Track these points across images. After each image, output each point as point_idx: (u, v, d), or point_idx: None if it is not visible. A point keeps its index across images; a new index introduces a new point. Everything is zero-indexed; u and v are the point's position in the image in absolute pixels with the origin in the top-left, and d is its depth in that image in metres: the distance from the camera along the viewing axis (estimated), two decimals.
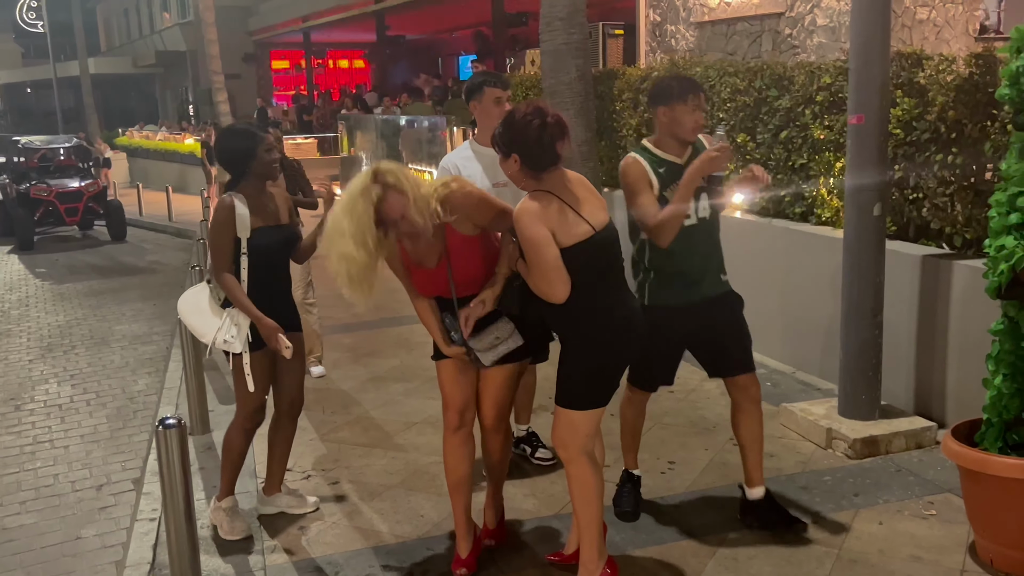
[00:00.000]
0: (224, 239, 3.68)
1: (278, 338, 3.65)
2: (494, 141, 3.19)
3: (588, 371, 3.15)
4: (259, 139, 3.79)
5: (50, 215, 14.90)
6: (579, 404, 3.16)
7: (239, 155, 3.77)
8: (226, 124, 16.68)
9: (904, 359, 4.82)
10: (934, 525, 3.73)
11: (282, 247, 3.86)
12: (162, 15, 33.55)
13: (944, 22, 8.31)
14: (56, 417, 6.16)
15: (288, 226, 3.90)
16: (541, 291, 3.07)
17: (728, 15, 9.33)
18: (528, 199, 3.08)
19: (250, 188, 3.78)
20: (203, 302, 3.79)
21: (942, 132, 4.62)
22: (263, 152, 3.76)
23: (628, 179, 3.51)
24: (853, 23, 4.48)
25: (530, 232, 3.01)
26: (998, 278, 3.30)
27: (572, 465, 3.19)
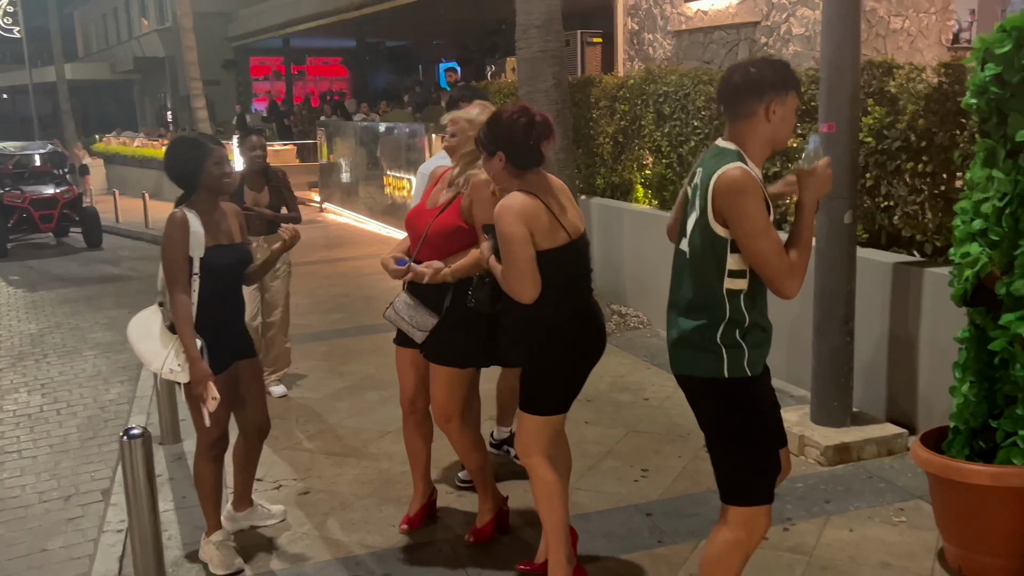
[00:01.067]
0: (179, 257, 3.44)
1: (207, 386, 3.39)
2: (478, 142, 3.20)
3: (554, 375, 3.17)
4: (208, 151, 3.53)
5: (24, 222, 14.73)
6: (545, 409, 3.18)
7: (187, 168, 3.53)
8: (203, 131, 16.60)
9: (876, 366, 4.84)
10: (904, 531, 3.74)
11: (235, 267, 3.65)
12: (140, 21, 33.38)
13: (917, 31, 8.40)
14: (25, 427, 6.07)
15: (241, 245, 3.69)
16: (511, 289, 3.07)
17: (705, 24, 9.38)
18: (513, 196, 3.06)
19: (201, 203, 3.56)
20: (154, 326, 3.55)
21: (912, 141, 4.66)
22: (212, 166, 3.51)
23: (751, 201, 2.53)
24: (824, 32, 4.51)
25: (509, 229, 3.01)
26: (963, 285, 3.32)
27: (535, 470, 3.20)
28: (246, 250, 3.73)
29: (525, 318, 3.14)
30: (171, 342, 3.48)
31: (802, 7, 8.23)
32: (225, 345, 3.59)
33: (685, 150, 6.57)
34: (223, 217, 3.64)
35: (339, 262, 10.54)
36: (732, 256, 2.59)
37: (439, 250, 3.54)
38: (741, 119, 2.63)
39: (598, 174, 7.89)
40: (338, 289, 9.19)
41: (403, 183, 12.74)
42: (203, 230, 3.50)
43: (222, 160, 3.57)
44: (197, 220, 3.50)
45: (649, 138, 7.01)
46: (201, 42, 19.49)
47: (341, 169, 15.91)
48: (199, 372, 3.41)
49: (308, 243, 10.71)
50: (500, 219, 3.04)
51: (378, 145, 13.93)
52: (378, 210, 13.72)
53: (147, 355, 3.54)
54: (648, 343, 6.68)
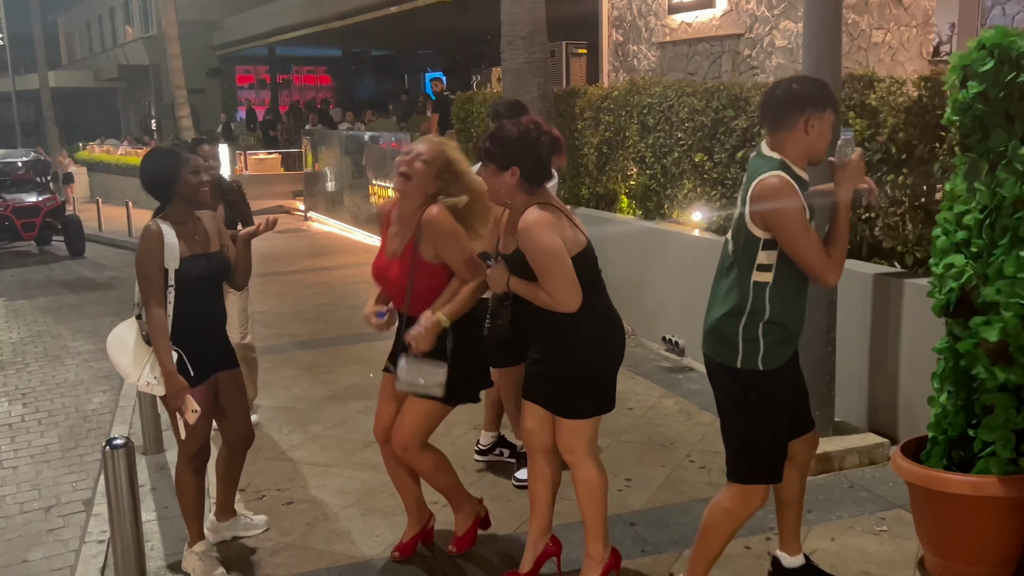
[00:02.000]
0: (153, 270, 3.41)
1: (184, 399, 3.38)
2: (484, 155, 3.18)
3: (590, 378, 3.23)
4: (184, 160, 3.54)
5: (6, 230, 14.66)
6: (584, 413, 3.24)
7: (163, 178, 3.52)
8: (187, 139, 16.55)
9: (857, 376, 4.88)
10: (885, 541, 3.77)
11: (213, 277, 3.61)
12: (125, 29, 33.28)
13: (899, 44, 8.49)
14: (6, 436, 6.03)
15: (218, 254, 3.64)
16: (558, 302, 3.08)
17: (689, 36, 9.45)
18: (536, 210, 3.10)
19: (176, 214, 3.53)
20: (131, 339, 3.51)
21: (893, 153, 4.71)
22: (188, 175, 3.50)
23: (792, 205, 2.77)
24: (805, 45, 4.56)
25: (548, 242, 3.05)
26: (946, 296, 3.36)
27: (580, 468, 3.27)
28: (223, 258, 3.67)
29: (562, 327, 3.14)
30: (147, 354, 3.45)
31: (785, 20, 8.31)
32: (204, 356, 3.55)
33: (669, 161, 6.61)
34: (199, 225, 3.61)
35: (324, 271, 10.53)
36: (762, 252, 2.88)
37: (429, 301, 3.42)
38: (783, 129, 2.88)
39: (583, 184, 7.92)
40: (322, 298, 9.18)
41: (388, 192, 12.74)
42: (177, 241, 3.46)
43: (198, 168, 3.56)
44: (171, 231, 3.47)
45: (633, 149, 7.05)
46: (186, 50, 19.45)
47: (326, 178, 15.90)
48: (174, 385, 3.38)
49: (292, 252, 10.68)
50: (534, 235, 3.06)
51: (363, 154, 13.95)
52: (363, 219, 13.72)
53: (124, 367, 3.51)
54: (632, 353, 6.70)
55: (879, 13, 8.26)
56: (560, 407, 3.25)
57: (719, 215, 6.08)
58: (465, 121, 10.12)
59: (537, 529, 3.46)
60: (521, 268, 3.16)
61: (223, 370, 3.67)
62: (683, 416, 5.35)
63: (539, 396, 3.29)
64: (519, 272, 3.17)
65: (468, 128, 10.05)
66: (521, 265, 3.15)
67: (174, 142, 18.05)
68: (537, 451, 3.37)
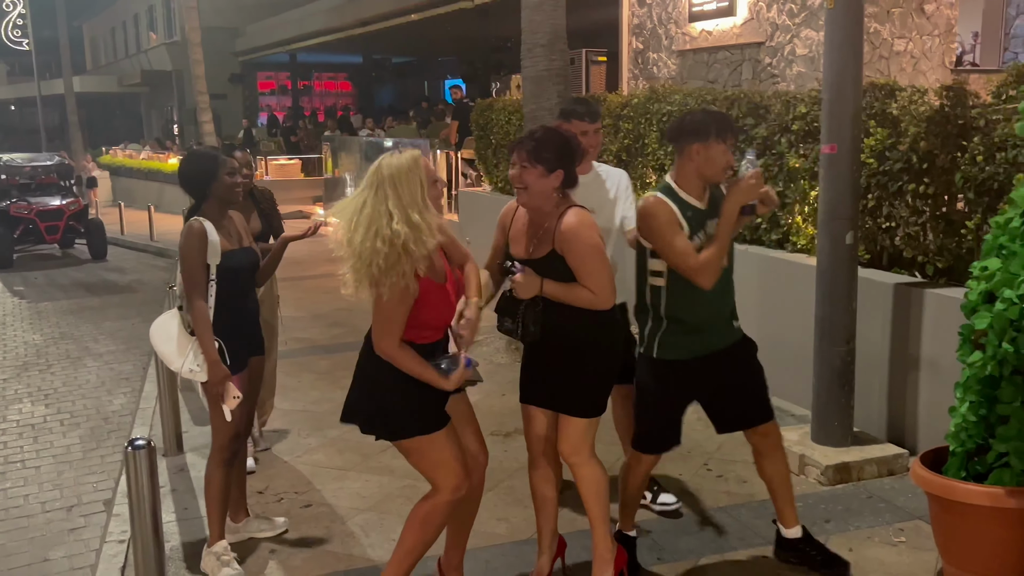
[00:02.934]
0: (197, 265, 3.62)
1: (226, 386, 3.60)
2: (532, 156, 3.14)
3: (606, 377, 3.34)
4: (221, 162, 3.75)
5: (30, 233, 14.82)
6: (595, 411, 3.30)
7: (201, 177, 3.73)
8: (209, 144, 16.69)
9: (876, 386, 4.85)
10: (903, 552, 3.75)
11: (248, 270, 3.85)
12: (148, 35, 33.61)
13: (921, 54, 8.46)
14: (29, 437, 6.10)
15: (251, 249, 3.90)
16: (601, 298, 3.15)
17: (710, 44, 9.45)
18: (579, 211, 3.18)
19: (213, 211, 3.74)
20: (173, 329, 3.72)
21: (914, 162, 4.69)
22: (225, 175, 3.73)
23: (657, 221, 3.26)
24: (826, 54, 4.55)
25: (595, 241, 3.16)
26: (975, 298, 3.32)
27: (585, 468, 3.31)
28: (255, 252, 3.91)
29: (587, 325, 3.20)
30: (190, 343, 3.65)
31: (806, 28, 8.30)
32: (242, 344, 3.77)
33: None
34: (231, 223, 3.84)
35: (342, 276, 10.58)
36: (651, 260, 3.36)
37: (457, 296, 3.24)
38: (676, 155, 3.35)
39: None
40: (341, 303, 9.22)
41: None
42: (218, 238, 3.67)
43: (233, 170, 3.79)
44: (213, 228, 3.67)
45: (653, 156, 7.05)
46: (208, 56, 19.60)
47: (346, 184, 15.98)
48: (217, 373, 3.59)
49: (312, 257, 10.74)
50: (582, 235, 3.13)
51: None
52: None
53: (168, 356, 3.72)
54: None
55: (901, 22, 8.24)
56: (578, 407, 3.27)
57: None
58: (484, 128, 10.15)
59: (550, 532, 3.48)
60: (555, 270, 3.16)
61: (253, 357, 3.90)
62: (700, 424, 5.29)
63: (557, 399, 3.30)
64: (551, 275, 3.17)
65: (487, 135, 10.08)
66: (555, 267, 3.16)
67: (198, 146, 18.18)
68: (546, 454, 3.40)
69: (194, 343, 3.63)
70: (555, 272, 3.17)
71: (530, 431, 3.41)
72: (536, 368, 3.34)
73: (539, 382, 3.33)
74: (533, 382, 3.35)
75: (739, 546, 3.84)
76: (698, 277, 3.23)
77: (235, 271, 3.72)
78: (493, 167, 10.18)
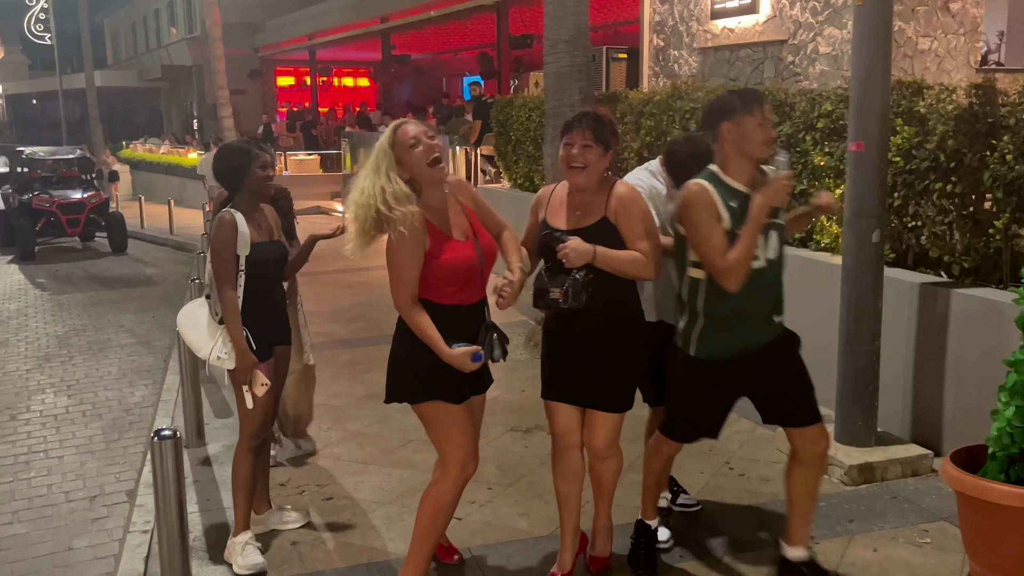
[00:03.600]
0: (228, 256, 3.68)
1: (254, 374, 3.67)
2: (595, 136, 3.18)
3: (643, 372, 3.43)
4: (254, 156, 3.82)
5: (52, 226, 14.92)
6: (630, 405, 3.39)
7: (234, 171, 3.80)
8: (228, 140, 16.75)
9: (901, 386, 4.82)
10: (928, 553, 3.72)
11: (277, 263, 3.91)
12: (169, 30, 33.79)
13: (946, 53, 8.38)
14: (51, 427, 6.14)
15: (279, 242, 3.96)
16: (652, 264, 3.22)
17: (731, 41, 9.40)
18: (627, 183, 3.33)
19: (244, 204, 3.81)
20: (201, 317, 3.80)
21: (941, 161, 4.65)
22: (257, 168, 3.80)
23: (695, 212, 3.12)
24: (854, 51, 4.52)
25: (648, 208, 3.29)
26: None
27: (616, 459, 3.44)
28: (283, 245, 3.98)
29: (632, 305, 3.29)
30: (217, 331, 3.73)
31: (829, 26, 8.24)
32: (268, 334, 3.82)
33: None
34: (262, 216, 3.90)
35: (362, 271, 10.59)
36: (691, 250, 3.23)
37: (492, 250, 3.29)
38: (714, 143, 3.24)
39: None
40: (360, 298, 9.26)
41: None
42: (248, 230, 3.72)
43: (266, 164, 3.86)
44: (243, 220, 3.73)
45: None
46: (228, 51, 19.70)
47: None
48: (246, 361, 3.66)
49: (331, 252, 10.76)
50: (639, 200, 3.26)
51: None
52: None
53: (196, 343, 3.79)
54: None
55: (926, 20, 8.16)
56: (617, 403, 3.33)
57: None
58: (504, 124, 10.14)
59: (573, 528, 3.50)
60: (603, 239, 3.20)
61: (279, 346, 3.94)
62: None
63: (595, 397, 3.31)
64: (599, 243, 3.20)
65: (507, 131, 10.07)
66: (604, 236, 3.20)
67: (216, 141, 18.27)
68: (572, 448, 3.41)
69: (222, 331, 3.70)
70: (603, 242, 3.19)
71: (557, 428, 3.40)
72: (570, 365, 3.31)
73: (573, 379, 3.32)
74: (565, 379, 3.34)
75: (761, 546, 3.82)
76: (724, 279, 3.11)
77: (264, 263, 3.78)
78: (512, 163, 10.17)
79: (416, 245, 3.04)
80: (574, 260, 3.14)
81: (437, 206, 3.16)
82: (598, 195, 3.26)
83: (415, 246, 3.04)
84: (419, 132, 3.12)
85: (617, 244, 3.21)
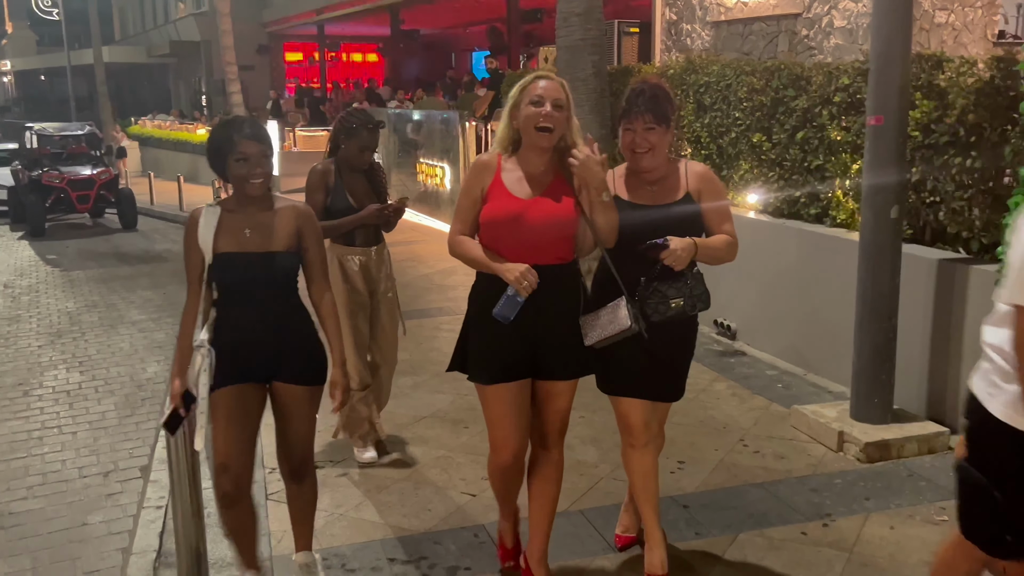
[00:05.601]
0: (189, 257, 3.11)
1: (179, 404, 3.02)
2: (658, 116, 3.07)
3: None
4: (231, 145, 3.01)
5: (62, 202, 14.94)
6: None
7: (213, 157, 3.09)
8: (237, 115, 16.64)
9: (917, 363, 4.78)
10: (946, 531, 3.68)
11: (252, 281, 3.06)
12: (177, 5, 33.59)
13: (962, 26, 8.25)
14: (64, 403, 6.16)
15: (273, 256, 3.06)
16: (736, 244, 3.13)
17: (745, 15, 9.29)
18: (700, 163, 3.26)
19: (232, 201, 3.13)
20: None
21: (961, 135, 4.58)
22: (233, 161, 3.00)
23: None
24: (874, 23, 4.44)
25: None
26: None
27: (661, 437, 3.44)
28: (278, 261, 3.08)
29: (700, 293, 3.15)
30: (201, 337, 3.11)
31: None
32: (237, 362, 3.06)
33: (725, 141, 6.51)
34: (252, 218, 3.09)
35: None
36: None
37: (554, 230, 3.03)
38: None
39: None
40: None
41: (435, 171, 12.75)
42: (214, 232, 3.03)
43: (245, 157, 3.00)
44: (214, 219, 3.05)
45: (688, 129, 6.95)
46: (236, 27, 19.61)
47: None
48: (174, 387, 3.04)
49: None
50: (718, 180, 3.21)
51: (411, 132, 13.94)
52: (412, 197, 13.74)
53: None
54: None
55: None
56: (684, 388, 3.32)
57: (776, 197, 5.98)
58: None
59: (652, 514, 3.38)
60: (687, 221, 3.09)
61: (280, 380, 3.15)
62: (736, 400, 5.29)
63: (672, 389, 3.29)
64: (684, 227, 3.05)
65: None
66: (688, 217, 3.09)
67: (224, 115, 18.18)
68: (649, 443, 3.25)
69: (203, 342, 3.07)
70: (687, 218, 3.08)
71: (633, 423, 3.20)
72: (642, 360, 3.11)
73: (649, 374, 3.15)
74: (637, 375, 3.15)
75: (777, 522, 3.80)
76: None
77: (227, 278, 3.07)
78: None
79: (474, 184, 3.04)
80: (683, 261, 2.94)
81: (528, 169, 3.00)
82: (668, 171, 3.16)
83: (473, 185, 3.04)
84: (547, 93, 2.94)
85: (698, 224, 3.10)
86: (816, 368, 5.61)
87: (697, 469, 4.35)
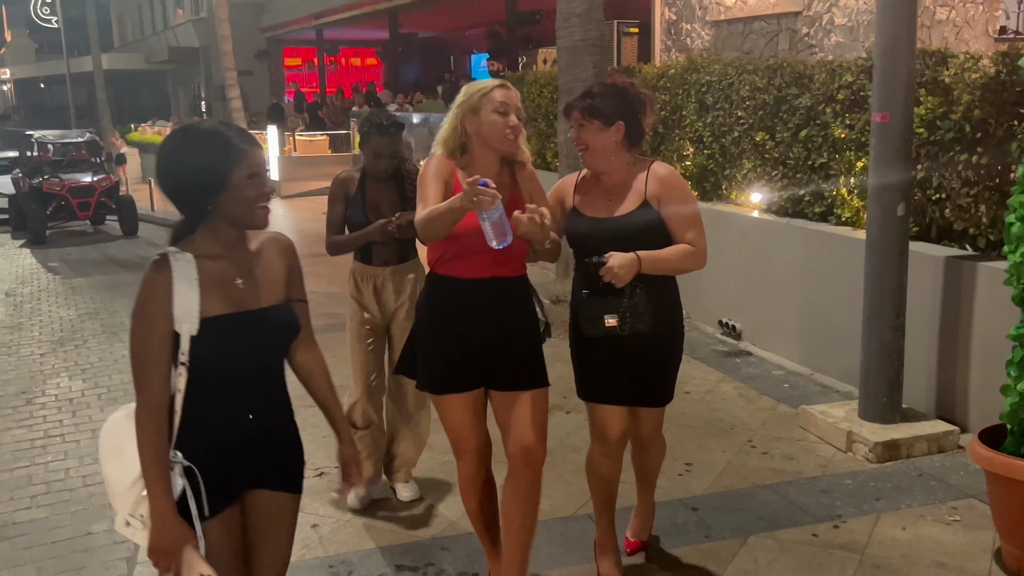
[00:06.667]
0: (150, 344, 2.09)
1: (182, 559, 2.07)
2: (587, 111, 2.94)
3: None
4: (238, 155, 2.10)
5: (62, 209, 14.91)
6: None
7: (198, 182, 2.11)
8: (237, 121, 16.52)
9: (926, 362, 4.74)
10: (958, 531, 3.66)
11: (257, 349, 2.19)
12: (175, 11, 33.62)
13: (964, 22, 8.23)
14: (67, 411, 6.12)
15: (272, 310, 2.23)
16: (702, 251, 2.98)
17: (745, 14, 9.26)
18: (662, 163, 3.05)
19: (211, 241, 2.16)
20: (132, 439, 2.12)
21: (967, 132, 4.55)
22: (245, 179, 2.11)
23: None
24: (879, 20, 4.41)
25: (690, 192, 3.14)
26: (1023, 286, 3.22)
27: (660, 444, 3.43)
28: (280, 316, 2.25)
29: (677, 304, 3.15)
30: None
31: None
32: (233, 472, 2.21)
33: (728, 140, 6.48)
34: (242, 262, 2.20)
35: None
36: None
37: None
38: None
39: None
40: None
41: None
42: (198, 289, 2.10)
43: (257, 170, 2.14)
44: (193, 274, 2.10)
45: (691, 128, 6.93)
46: (234, 33, 19.57)
47: None
48: (165, 537, 2.08)
49: None
50: (680, 180, 3.06)
51: (411, 135, 13.93)
52: None
53: (113, 485, 2.20)
54: (688, 336, 6.56)
55: None
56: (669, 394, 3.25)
57: (780, 195, 5.94)
58: None
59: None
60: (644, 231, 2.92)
61: (265, 488, 2.29)
62: (743, 401, 5.26)
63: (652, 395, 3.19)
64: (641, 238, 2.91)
65: None
66: (644, 221, 2.93)
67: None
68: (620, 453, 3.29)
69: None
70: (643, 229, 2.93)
71: (610, 430, 3.16)
72: (618, 367, 3.07)
73: (623, 381, 3.07)
74: (612, 382, 3.09)
75: (787, 524, 3.77)
76: None
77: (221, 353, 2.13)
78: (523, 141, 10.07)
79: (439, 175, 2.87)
80: (624, 277, 2.82)
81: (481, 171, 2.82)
82: (633, 177, 2.99)
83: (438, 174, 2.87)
84: (512, 103, 2.87)
85: (660, 232, 2.94)
86: (823, 367, 5.57)
87: (705, 471, 4.31)
